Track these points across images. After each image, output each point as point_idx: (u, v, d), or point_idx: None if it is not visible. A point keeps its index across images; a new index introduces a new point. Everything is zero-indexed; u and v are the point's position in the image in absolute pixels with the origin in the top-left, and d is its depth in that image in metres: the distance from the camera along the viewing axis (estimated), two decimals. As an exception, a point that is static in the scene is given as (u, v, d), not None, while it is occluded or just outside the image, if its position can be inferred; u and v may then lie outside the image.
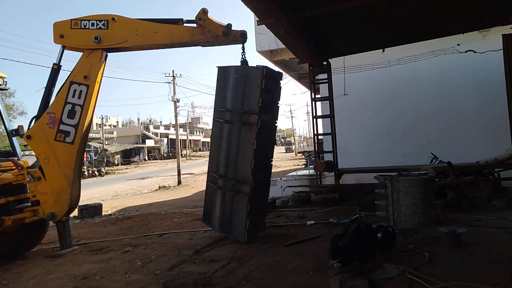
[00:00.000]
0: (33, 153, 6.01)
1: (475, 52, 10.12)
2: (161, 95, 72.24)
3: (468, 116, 11.21)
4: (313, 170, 11.26)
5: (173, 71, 29.24)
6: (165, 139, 70.34)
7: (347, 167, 10.31)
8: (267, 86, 5.76)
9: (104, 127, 55.00)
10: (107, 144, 52.12)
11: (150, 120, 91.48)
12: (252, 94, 5.75)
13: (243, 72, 5.93)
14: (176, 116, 29.43)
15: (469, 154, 9.13)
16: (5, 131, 6.47)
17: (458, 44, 10.45)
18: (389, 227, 4.79)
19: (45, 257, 5.99)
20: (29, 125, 5.86)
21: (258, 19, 7.14)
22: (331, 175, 10.22)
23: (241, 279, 4.29)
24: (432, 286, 3.52)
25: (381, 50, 9.94)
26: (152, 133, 68.56)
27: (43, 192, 5.69)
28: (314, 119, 10.24)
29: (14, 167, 5.81)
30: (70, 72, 5.83)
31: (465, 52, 10.24)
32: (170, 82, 29.07)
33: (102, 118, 54.20)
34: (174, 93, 28.89)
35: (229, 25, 5.61)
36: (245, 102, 5.80)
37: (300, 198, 9.60)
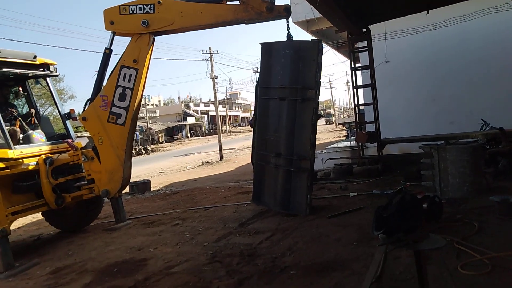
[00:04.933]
0: (84, 135, 6.36)
1: (532, 7, 9.31)
2: (199, 72, 72.90)
3: (523, 79, 10.41)
4: (354, 142, 11.08)
5: (210, 48, 29.27)
6: (206, 116, 71.52)
7: (390, 137, 10.03)
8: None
9: (147, 107, 56.75)
10: (151, 123, 53.85)
11: (190, 98, 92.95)
12: (308, 69, 5.66)
13: (296, 46, 5.80)
14: (215, 93, 29.63)
15: (523, 119, 8.56)
16: (58, 114, 6.87)
17: (512, 0, 9.62)
18: (435, 197, 4.68)
19: (102, 231, 6.50)
20: (84, 107, 6.18)
21: (293, -12, 6.95)
22: (373, 146, 10.01)
23: (285, 250, 4.42)
24: (482, 256, 3.45)
25: (425, 12, 9.36)
26: (193, 111, 69.87)
27: (97, 171, 6.06)
28: (355, 89, 9.98)
29: (70, 149, 6.21)
30: (120, 56, 6.01)
31: (521, 8, 9.44)
32: (207, 59, 29.18)
33: (145, 98, 55.77)
34: (212, 70, 28.99)
35: (273, 0, 5.45)
36: (300, 78, 5.72)
37: (342, 170, 9.49)
